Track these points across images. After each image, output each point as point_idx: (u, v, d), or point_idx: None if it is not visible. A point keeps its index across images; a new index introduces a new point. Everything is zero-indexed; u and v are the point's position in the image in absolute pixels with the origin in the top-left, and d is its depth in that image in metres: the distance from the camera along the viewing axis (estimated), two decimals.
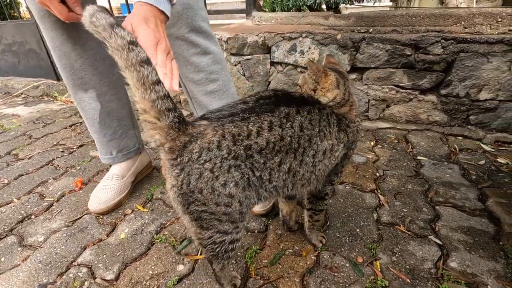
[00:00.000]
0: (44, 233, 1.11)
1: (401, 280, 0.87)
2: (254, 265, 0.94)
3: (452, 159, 1.45)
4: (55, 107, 2.53)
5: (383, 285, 0.85)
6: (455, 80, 1.62)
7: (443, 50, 1.58)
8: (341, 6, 2.35)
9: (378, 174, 1.37)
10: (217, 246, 0.71)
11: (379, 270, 0.90)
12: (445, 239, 0.99)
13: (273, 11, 2.36)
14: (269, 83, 2.06)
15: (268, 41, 1.92)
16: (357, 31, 1.82)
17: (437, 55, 1.59)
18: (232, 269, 0.92)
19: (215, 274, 0.82)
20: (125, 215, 1.19)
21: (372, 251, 0.97)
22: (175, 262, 0.96)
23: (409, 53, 1.63)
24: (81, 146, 1.78)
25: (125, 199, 1.26)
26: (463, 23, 1.64)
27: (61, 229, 1.12)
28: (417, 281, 0.86)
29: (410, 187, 1.26)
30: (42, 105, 2.60)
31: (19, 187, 1.39)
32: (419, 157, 1.48)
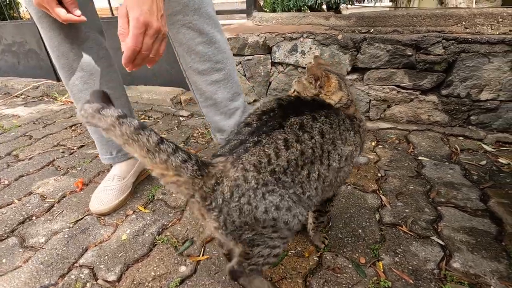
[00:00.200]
0: (45, 234, 1.10)
1: (404, 281, 0.86)
2: None
3: (453, 160, 1.45)
4: (55, 108, 2.52)
5: (386, 286, 0.84)
6: (456, 80, 1.62)
7: (444, 50, 1.58)
8: (342, 6, 2.35)
9: (379, 174, 1.37)
10: (262, 259, 0.69)
11: (381, 271, 0.90)
12: (448, 239, 0.99)
13: (274, 11, 2.36)
14: (270, 83, 2.06)
15: (269, 42, 1.91)
16: (358, 32, 1.82)
17: (438, 56, 1.59)
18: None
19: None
20: (127, 216, 1.18)
21: (374, 251, 0.97)
22: (177, 263, 0.96)
23: (410, 54, 1.63)
24: (82, 146, 1.78)
25: (127, 200, 1.25)
26: (464, 23, 1.64)
27: (63, 230, 1.12)
28: (420, 282, 0.86)
29: (411, 188, 1.26)
30: (42, 106, 2.59)
31: (20, 188, 1.38)
32: (420, 158, 1.48)
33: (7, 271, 0.95)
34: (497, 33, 1.57)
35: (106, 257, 0.99)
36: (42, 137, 1.93)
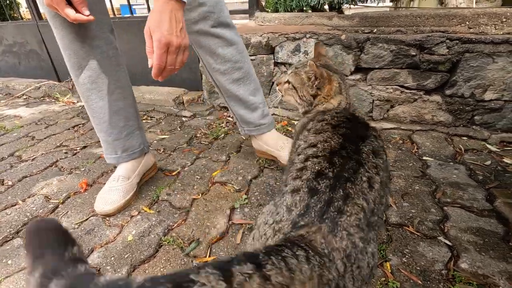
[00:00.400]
0: None
1: (412, 281, 0.86)
2: None
3: (458, 160, 1.45)
4: (57, 108, 2.52)
5: (395, 287, 0.84)
6: (460, 80, 1.62)
7: (448, 50, 1.57)
8: (344, 6, 2.35)
9: None
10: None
11: (389, 271, 0.90)
12: (455, 240, 0.99)
13: (276, 11, 2.36)
14: (273, 83, 2.05)
15: (271, 42, 1.91)
16: (361, 32, 1.82)
17: (442, 56, 1.59)
18: None
19: None
20: (132, 216, 1.18)
21: (382, 252, 0.96)
22: (184, 264, 0.96)
23: (414, 54, 1.63)
24: (85, 147, 1.77)
25: (132, 201, 1.25)
26: (467, 23, 1.64)
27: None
28: (428, 282, 0.86)
29: (417, 188, 1.26)
30: (44, 106, 2.59)
31: (24, 189, 1.38)
32: (424, 158, 1.48)
33: (13, 272, 0.95)
34: (501, 33, 1.57)
35: (112, 258, 0.99)
36: (44, 138, 1.92)
